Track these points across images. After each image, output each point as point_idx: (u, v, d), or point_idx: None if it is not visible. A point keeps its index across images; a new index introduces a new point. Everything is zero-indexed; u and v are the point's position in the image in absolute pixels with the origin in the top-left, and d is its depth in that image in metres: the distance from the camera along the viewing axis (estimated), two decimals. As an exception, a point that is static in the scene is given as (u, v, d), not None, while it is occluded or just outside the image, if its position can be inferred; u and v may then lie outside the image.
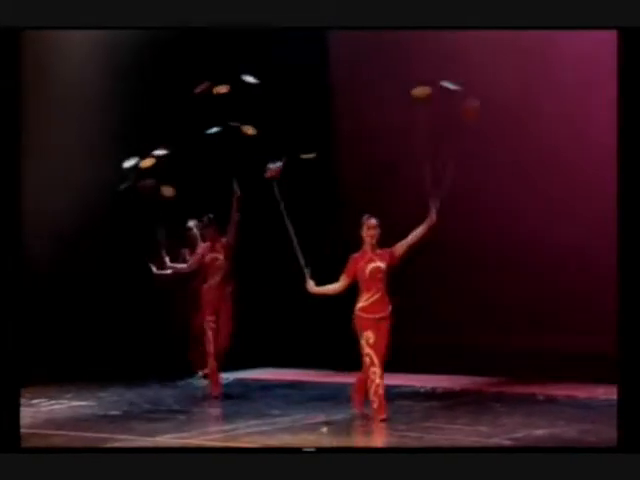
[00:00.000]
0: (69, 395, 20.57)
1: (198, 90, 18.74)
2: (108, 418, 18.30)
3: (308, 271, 16.97)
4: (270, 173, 17.41)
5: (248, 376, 21.27)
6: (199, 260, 19.73)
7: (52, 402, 19.82)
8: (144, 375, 21.83)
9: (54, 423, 17.94)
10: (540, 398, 18.98)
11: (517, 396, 18.92)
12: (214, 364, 19.46)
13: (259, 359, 21.97)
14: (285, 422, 17.45)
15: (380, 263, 16.96)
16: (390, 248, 16.95)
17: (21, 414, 15.16)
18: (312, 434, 16.28)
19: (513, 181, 20.43)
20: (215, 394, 19.36)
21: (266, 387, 20.35)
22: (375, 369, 16.70)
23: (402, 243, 16.95)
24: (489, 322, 21.21)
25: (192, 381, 21.68)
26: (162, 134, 20.68)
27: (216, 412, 19.43)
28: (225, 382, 20.79)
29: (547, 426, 16.45)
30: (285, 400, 19.55)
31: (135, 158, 19.23)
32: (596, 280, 19.90)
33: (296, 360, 22.00)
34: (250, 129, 18.77)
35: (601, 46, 18.67)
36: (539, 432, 15.95)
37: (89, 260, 22.33)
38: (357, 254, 16.94)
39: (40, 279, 21.68)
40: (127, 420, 18.07)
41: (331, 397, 19.17)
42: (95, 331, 22.14)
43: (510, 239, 20.70)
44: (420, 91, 16.28)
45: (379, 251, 17.08)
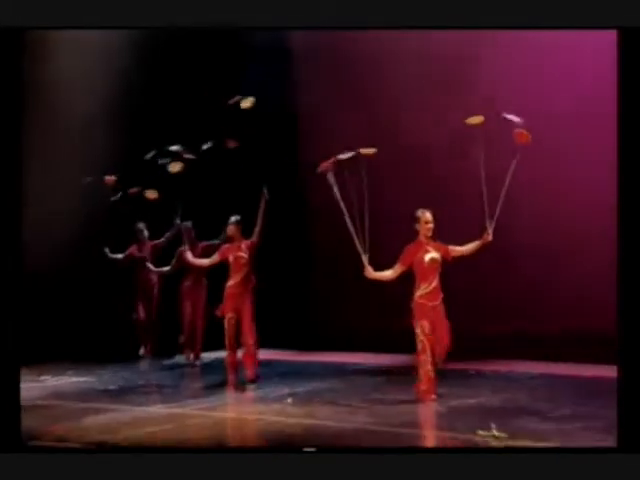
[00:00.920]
0: (71, 372, 17.93)
1: (231, 102, 15.81)
2: (106, 392, 16.17)
3: (366, 258, 13.86)
4: (322, 168, 14.25)
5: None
6: (221, 257, 16.43)
7: (57, 378, 17.47)
8: (137, 355, 19.46)
9: (59, 396, 15.74)
10: (471, 372, 16.90)
11: (452, 371, 16.25)
12: (233, 357, 16.34)
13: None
14: (258, 394, 15.58)
15: (436, 254, 14.15)
16: (445, 245, 14.28)
17: (30, 388, 14.84)
18: (279, 404, 14.34)
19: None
20: (250, 378, 16.22)
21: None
22: (425, 357, 14.17)
23: (458, 248, 14.14)
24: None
25: (177, 360, 19.18)
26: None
27: (198, 386, 17.23)
28: (206, 361, 18.82)
29: (476, 396, 14.65)
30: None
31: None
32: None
33: (267, 341, 18.41)
34: (249, 102, 15.84)
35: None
36: (470, 401, 14.24)
37: (89, 258, 19.28)
38: (412, 245, 14.16)
39: (45, 272, 18.95)
40: (122, 393, 15.95)
41: (296, 373, 16.94)
42: (95, 318, 19.36)
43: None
44: (475, 119, 13.67)
45: (434, 243, 14.25)
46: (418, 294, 14.13)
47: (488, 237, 13.87)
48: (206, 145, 16.13)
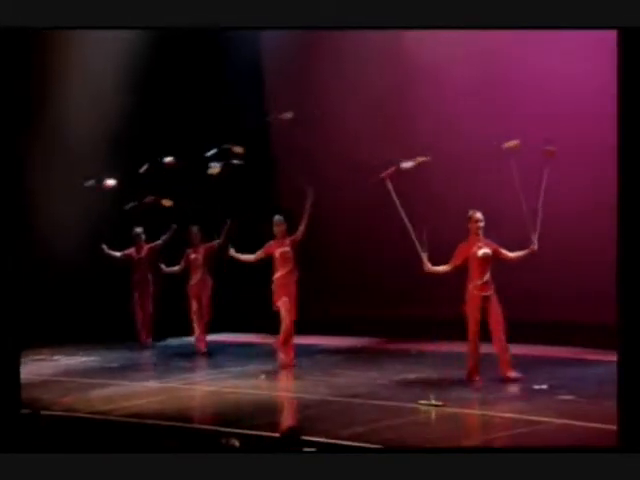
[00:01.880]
0: (81, 352, 15.70)
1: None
2: (109, 369, 14.24)
3: (425, 255, 11.85)
4: (385, 175, 12.17)
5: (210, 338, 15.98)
6: (266, 253, 13.84)
7: (68, 357, 15.31)
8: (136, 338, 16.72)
9: (69, 373, 13.89)
10: (413, 352, 14.76)
11: (397, 351, 14.92)
12: (282, 339, 13.71)
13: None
14: (237, 371, 13.62)
15: (488, 250, 11.90)
16: (496, 244, 12.00)
17: (44, 366, 13.99)
18: (254, 379, 12.76)
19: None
20: (290, 364, 13.70)
21: (224, 346, 15.98)
22: (472, 342, 11.94)
23: (506, 253, 11.94)
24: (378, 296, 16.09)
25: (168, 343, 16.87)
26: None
27: (187, 365, 14.73)
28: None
29: (417, 372, 12.83)
30: (236, 356, 15.20)
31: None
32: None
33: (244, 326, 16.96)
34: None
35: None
36: (411, 376, 12.54)
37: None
38: (465, 243, 11.90)
39: (61, 267, 16.33)
40: (123, 370, 14.13)
41: (269, 354, 14.30)
42: (103, 306, 16.40)
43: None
44: (512, 144, 11.81)
45: (485, 240, 11.97)
46: (472, 285, 11.82)
47: (534, 247, 11.90)
48: (211, 152, 13.72)
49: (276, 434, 8.68)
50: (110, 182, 15.28)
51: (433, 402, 10.62)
